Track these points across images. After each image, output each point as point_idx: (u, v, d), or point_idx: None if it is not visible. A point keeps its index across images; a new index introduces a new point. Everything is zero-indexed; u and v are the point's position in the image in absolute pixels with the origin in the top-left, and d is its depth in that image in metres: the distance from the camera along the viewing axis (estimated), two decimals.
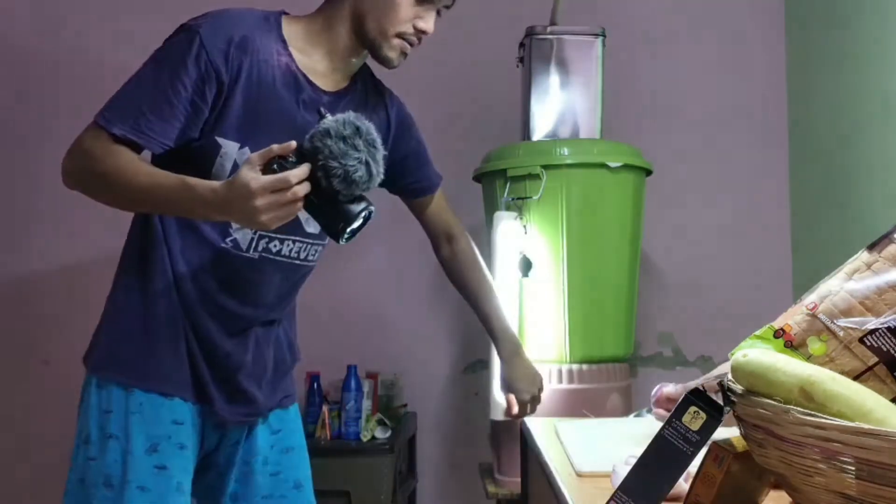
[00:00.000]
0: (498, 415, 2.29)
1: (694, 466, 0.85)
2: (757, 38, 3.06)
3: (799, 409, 0.72)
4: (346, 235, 1.27)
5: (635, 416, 1.68)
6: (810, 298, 0.83)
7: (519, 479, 1.68)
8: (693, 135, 3.03)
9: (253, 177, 1.20)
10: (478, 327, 1.84)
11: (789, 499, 0.82)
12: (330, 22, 1.45)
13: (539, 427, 1.51)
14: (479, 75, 3.00)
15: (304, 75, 1.44)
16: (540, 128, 2.47)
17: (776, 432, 0.74)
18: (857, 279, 0.83)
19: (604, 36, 2.50)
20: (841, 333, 0.80)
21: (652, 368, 2.99)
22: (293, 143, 1.23)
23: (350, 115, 1.27)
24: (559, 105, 2.48)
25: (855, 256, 0.85)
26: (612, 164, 2.35)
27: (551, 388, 2.34)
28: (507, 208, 2.35)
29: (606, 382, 2.35)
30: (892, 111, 2.32)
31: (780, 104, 3.04)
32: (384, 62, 1.46)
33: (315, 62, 1.46)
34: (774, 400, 0.75)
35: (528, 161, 2.35)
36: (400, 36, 1.43)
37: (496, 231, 2.32)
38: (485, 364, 2.87)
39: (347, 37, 1.45)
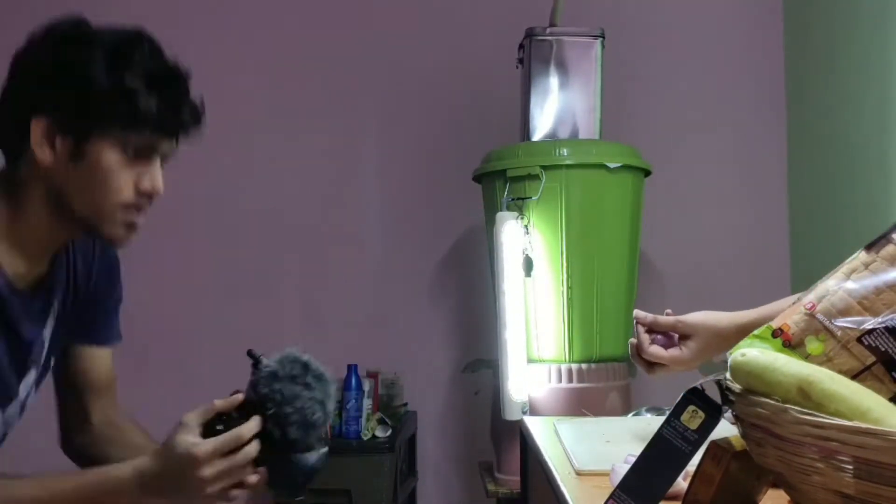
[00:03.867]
0: (511, 414, 2.30)
1: (692, 465, 0.86)
2: (756, 39, 3.06)
3: (797, 408, 0.72)
4: (305, 490, 1.10)
5: (634, 415, 1.69)
6: (808, 298, 0.84)
7: (518, 478, 1.68)
8: (692, 135, 3.03)
9: (194, 442, 1.03)
10: (478, 327, 1.83)
11: (787, 498, 0.83)
12: (16, 210, 1.12)
13: (538, 426, 1.52)
14: (479, 75, 3.01)
15: None
16: (539, 128, 2.48)
17: (774, 431, 0.74)
18: (854, 279, 0.83)
19: (603, 37, 2.51)
20: (839, 333, 0.80)
21: None
22: (239, 396, 1.07)
23: (292, 352, 1.10)
24: (558, 106, 2.49)
25: (853, 256, 0.85)
26: (611, 165, 2.35)
27: (551, 386, 2.35)
28: (507, 208, 2.36)
29: (606, 381, 2.36)
30: (890, 112, 2.32)
31: (779, 105, 3.05)
32: (110, 243, 1.18)
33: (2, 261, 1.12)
34: (772, 399, 0.76)
35: (527, 161, 2.36)
36: (123, 207, 1.12)
37: (500, 231, 2.33)
38: (485, 363, 2.87)
39: (47, 224, 1.13)
